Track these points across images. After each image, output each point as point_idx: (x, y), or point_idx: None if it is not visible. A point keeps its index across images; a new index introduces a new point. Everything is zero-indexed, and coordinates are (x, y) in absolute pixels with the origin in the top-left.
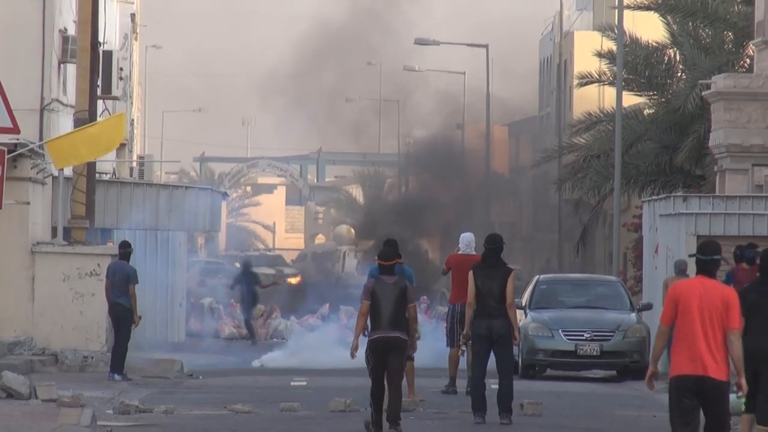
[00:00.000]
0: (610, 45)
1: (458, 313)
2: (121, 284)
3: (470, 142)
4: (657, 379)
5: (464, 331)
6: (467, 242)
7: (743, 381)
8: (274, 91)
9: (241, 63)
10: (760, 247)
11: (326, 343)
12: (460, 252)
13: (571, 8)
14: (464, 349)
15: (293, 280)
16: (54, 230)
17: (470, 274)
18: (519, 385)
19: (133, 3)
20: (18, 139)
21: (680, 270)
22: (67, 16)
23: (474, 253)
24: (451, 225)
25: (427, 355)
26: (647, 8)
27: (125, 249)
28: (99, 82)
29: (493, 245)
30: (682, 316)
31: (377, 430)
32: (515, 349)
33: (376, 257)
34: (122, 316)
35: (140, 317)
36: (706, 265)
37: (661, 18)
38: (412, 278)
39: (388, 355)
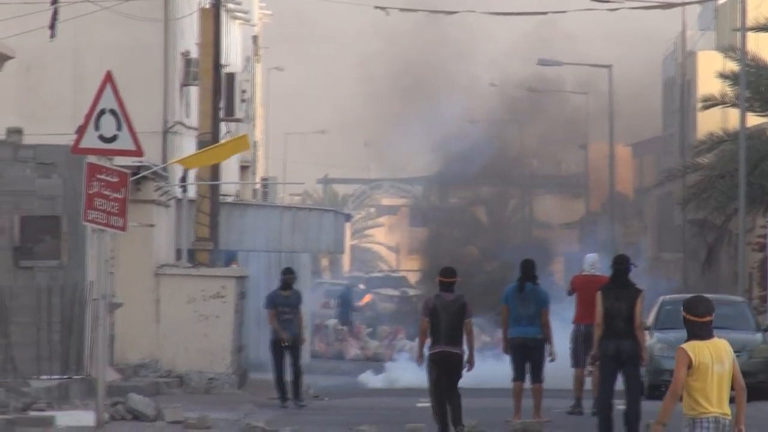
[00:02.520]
0: (732, 66)
1: (582, 333)
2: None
3: (594, 162)
4: None
5: (592, 352)
6: (591, 263)
7: None
8: (396, 112)
9: (362, 84)
10: None
11: None
12: (584, 273)
13: (693, 28)
14: (590, 369)
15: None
16: (178, 252)
17: (598, 294)
18: (645, 405)
19: (255, 25)
20: (141, 162)
21: None
22: (189, 39)
23: (598, 273)
24: (574, 246)
25: (553, 375)
26: None
27: (284, 275)
28: (221, 105)
29: (621, 266)
30: None
31: None
32: (642, 370)
33: (439, 275)
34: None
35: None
36: None
37: None
38: (547, 298)
39: (446, 370)
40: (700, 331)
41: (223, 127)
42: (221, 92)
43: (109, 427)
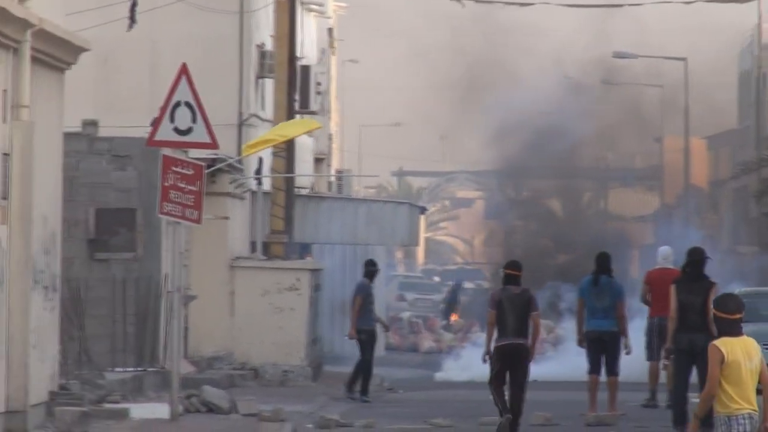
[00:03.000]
0: None
1: (657, 326)
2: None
3: (668, 155)
4: None
5: (666, 346)
6: (665, 256)
7: None
8: (470, 103)
9: (435, 75)
10: None
11: None
12: (658, 266)
13: None
14: (665, 363)
15: None
16: (253, 245)
17: (672, 288)
18: None
19: (330, 17)
20: (216, 154)
21: None
22: (265, 32)
23: (672, 266)
24: (649, 239)
25: (628, 368)
26: None
27: (368, 267)
28: (296, 97)
29: (695, 258)
30: None
31: (508, 411)
32: None
33: (504, 268)
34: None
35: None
36: None
37: None
38: (622, 291)
39: (512, 362)
40: (730, 328)
41: (298, 119)
42: (296, 84)
43: (184, 419)
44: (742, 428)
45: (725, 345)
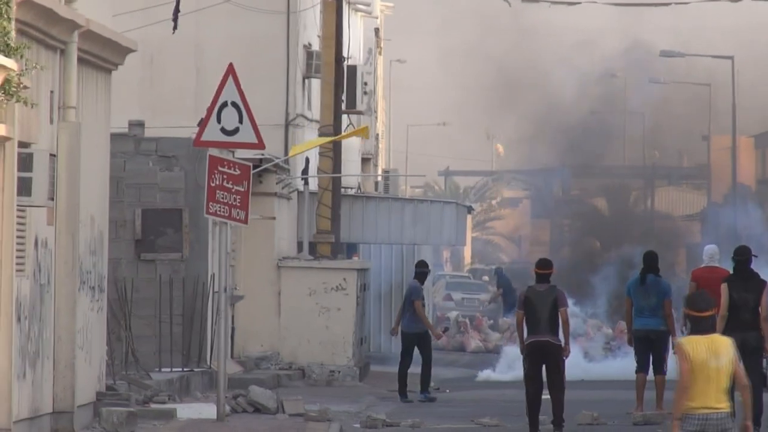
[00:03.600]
0: None
1: None
2: (409, 305)
3: (716, 153)
4: None
5: None
6: (710, 254)
7: None
8: (516, 103)
9: (481, 76)
10: None
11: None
12: (704, 265)
13: None
14: None
15: None
16: (300, 245)
17: (724, 286)
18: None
19: (376, 17)
20: (263, 155)
21: None
22: (311, 32)
23: (718, 265)
24: (696, 237)
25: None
26: None
27: (419, 269)
28: (343, 97)
29: (743, 257)
30: None
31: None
32: (764, 362)
33: (534, 267)
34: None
35: (446, 329)
36: None
37: None
38: (668, 290)
39: (545, 360)
40: (699, 326)
41: (345, 119)
42: (343, 85)
43: (231, 419)
44: (694, 427)
45: (689, 343)
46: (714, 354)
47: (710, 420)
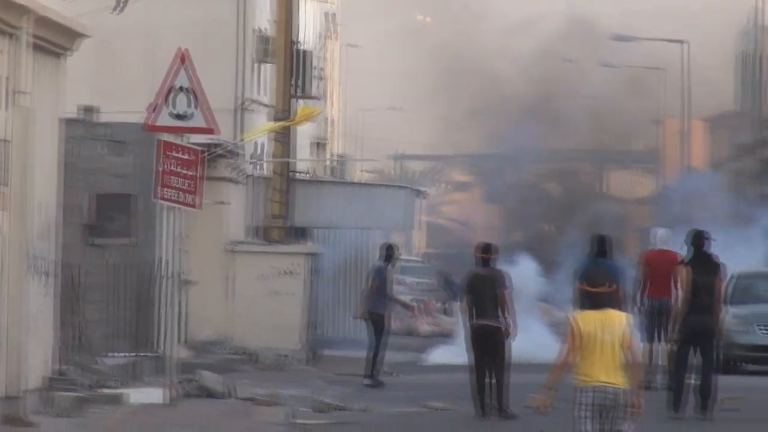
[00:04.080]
0: None
1: (655, 308)
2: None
3: (667, 137)
4: None
5: (675, 327)
6: (661, 237)
7: None
8: (469, 89)
9: (434, 61)
10: None
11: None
12: (655, 248)
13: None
14: (672, 348)
15: None
16: (251, 230)
17: (687, 269)
18: (720, 381)
19: (333, 3)
20: (215, 140)
21: None
22: (263, 16)
23: (668, 248)
24: (648, 221)
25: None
26: None
27: (386, 251)
28: (295, 82)
29: (700, 241)
30: None
31: (481, 414)
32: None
33: (477, 251)
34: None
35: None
36: None
37: None
38: (618, 273)
39: (487, 343)
40: (593, 302)
41: (297, 104)
42: (295, 70)
43: (180, 404)
44: (585, 400)
45: (581, 317)
46: (606, 329)
47: (600, 392)
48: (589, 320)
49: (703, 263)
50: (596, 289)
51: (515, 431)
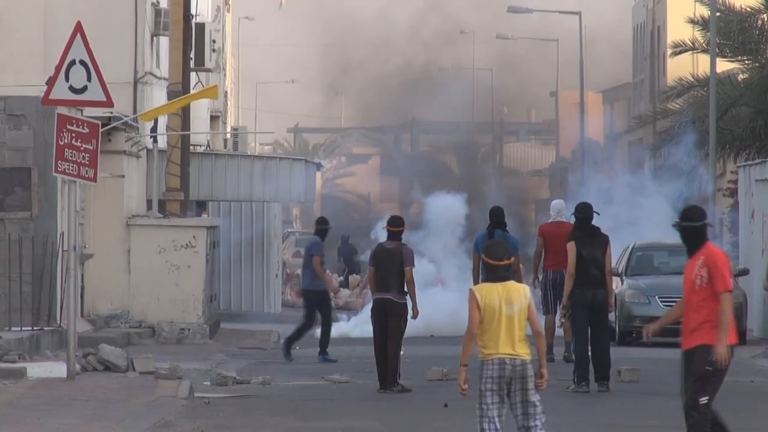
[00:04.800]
0: (703, 11)
1: (551, 280)
2: (308, 261)
3: (564, 109)
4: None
5: (564, 303)
6: (558, 210)
7: None
8: (365, 61)
9: (332, 33)
10: None
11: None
12: (551, 220)
13: None
14: (563, 321)
15: None
16: (149, 203)
17: (571, 244)
18: (616, 352)
19: None
20: (112, 113)
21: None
22: None
23: (564, 220)
24: (545, 193)
25: None
26: None
27: (320, 225)
28: (192, 55)
29: (584, 213)
30: None
31: (381, 386)
32: (611, 316)
33: (386, 224)
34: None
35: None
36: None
37: None
38: (516, 246)
39: (387, 316)
40: (495, 274)
41: (194, 77)
42: (191, 42)
43: (81, 378)
44: (491, 373)
45: (481, 290)
46: (507, 301)
47: (507, 365)
48: (491, 293)
49: (590, 236)
50: (499, 262)
51: (417, 404)
